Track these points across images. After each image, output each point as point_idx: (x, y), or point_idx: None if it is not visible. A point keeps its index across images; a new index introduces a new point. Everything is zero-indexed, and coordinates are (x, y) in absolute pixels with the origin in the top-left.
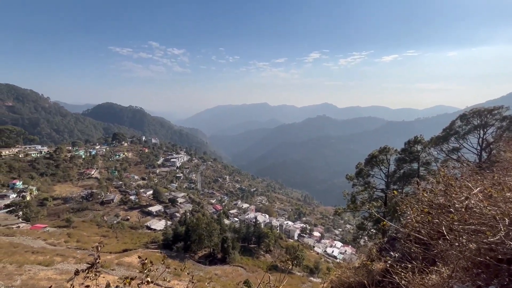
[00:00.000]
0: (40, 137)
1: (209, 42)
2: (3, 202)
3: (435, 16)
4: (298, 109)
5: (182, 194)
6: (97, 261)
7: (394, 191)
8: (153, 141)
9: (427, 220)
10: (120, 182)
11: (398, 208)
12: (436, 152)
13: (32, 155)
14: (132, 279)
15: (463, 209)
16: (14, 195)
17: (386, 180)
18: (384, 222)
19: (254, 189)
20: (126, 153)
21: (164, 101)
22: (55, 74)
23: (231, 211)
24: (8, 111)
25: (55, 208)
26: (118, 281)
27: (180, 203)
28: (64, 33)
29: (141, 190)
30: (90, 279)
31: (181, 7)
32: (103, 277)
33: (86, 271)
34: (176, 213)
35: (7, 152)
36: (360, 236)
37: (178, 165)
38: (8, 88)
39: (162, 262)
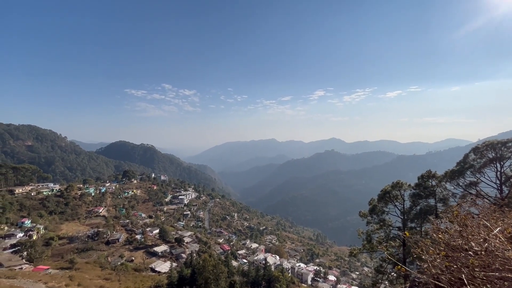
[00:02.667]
0: (53, 175)
1: (218, 83)
2: (9, 241)
3: (434, 53)
4: (305, 145)
5: (189, 233)
6: None
7: (406, 232)
8: (162, 178)
9: (445, 265)
10: (127, 221)
11: (413, 250)
12: (452, 187)
13: (44, 193)
14: None
15: (482, 252)
16: (21, 234)
17: (402, 217)
18: (399, 267)
19: (264, 227)
20: (135, 191)
21: (174, 138)
22: (74, 115)
23: (240, 252)
24: (27, 150)
25: (60, 248)
26: None
27: (187, 242)
28: (85, 77)
29: (148, 229)
30: None
31: (192, 52)
32: None
33: None
34: (182, 254)
35: (20, 190)
36: (380, 281)
37: (186, 202)
38: (29, 129)
39: None
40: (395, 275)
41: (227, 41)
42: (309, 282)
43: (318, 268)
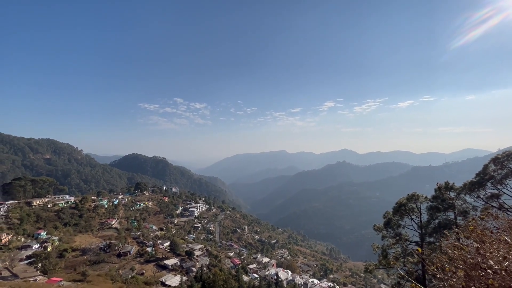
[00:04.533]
0: (69, 187)
1: (228, 96)
2: (25, 252)
3: (446, 62)
4: (316, 156)
5: (199, 246)
6: None
7: (418, 248)
8: (173, 190)
9: (462, 286)
10: (138, 233)
11: (427, 268)
12: (472, 199)
13: (60, 205)
14: None
15: (502, 272)
16: (37, 246)
17: (420, 231)
18: (413, 285)
19: (275, 241)
20: (146, 203)
21: (185, 151)
22: (89, 129)
23: (250, 266)
24: (45, 163)
25: (73, 260)
26: None
27: (197, 256)
28: (100, 92)
29: (158, 242)
30: None
31: (203, 67)
32: None
33: None
34: (193, 267)
35: (37, 202)
36: None
37: (197, 214)
38: (48, 143)
39: None
40: None
41: (237, 55)
42: None
43: (332, 285)
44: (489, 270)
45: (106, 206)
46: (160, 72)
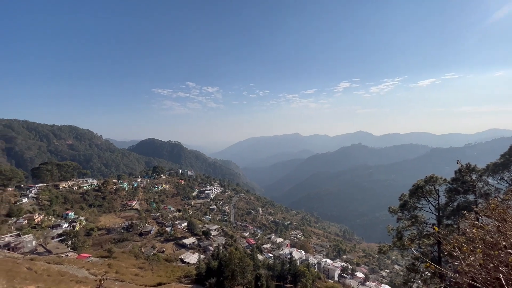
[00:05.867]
0: (91, 171)
1: (240, 79)
2: (56, 231)
3: (474, 35)
4: (331, 139)
5: (216, 226)
6: None
7: (435, 227)
8: (189, 173)
9: (479, 264)
10: (158, 214)
11: (443, 247)
12: (495, 182)
13: (84, 187)
14: None
15: None
16: (66, 225)
17: (437, 214)
18: (430, 265)
19: (288, 222)
20: (164, 185)
21: (199, 135)
22: (107, 115)
23: (265, 246)
24: (68, 148)
25: (99, 238)
26: None
27: (213, 236)
28: (116, 78)
29: (177, 222)
30: None
31: (215, 50)
32: None
33: None
34: (209, 246)
35: (64, 185)
36: (412, 280)
37: (212, 196)
38: (70, 129)
39: None
40: (429, 274)
41: (248, 38)
42: (336, 278)
43: (345, 265)
44: (510, 250)
45: (126, 189)
46: (173, 57)
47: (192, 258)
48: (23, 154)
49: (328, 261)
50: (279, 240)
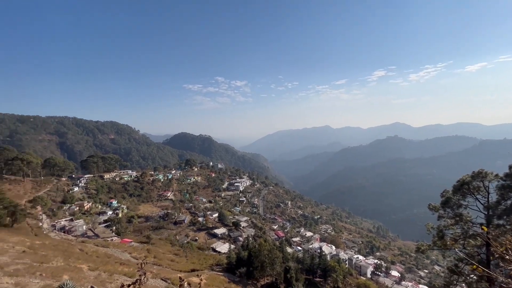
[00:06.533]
0: (131, 163)
1: (268, 72)
2: (103, 217)
3: None
4: (364, 131)
5: (245, 218)
6: (142, 277)
7: (484, 227)
8: (219, 166)
9: None
10: (191, 204)
11: (493, 249)
12: None
13: (125, 178)
14: None
15: None
16: (111, 212)
17: (486, 213)
18: (477, 268)
19: (318, 216)
20: (196, 177)
21: (228, 128)
22: (144, 111)
23: (294, 239)
24: (110, 142)
25: (139, 225)
26: None
27: (243, 227)
28: (151, 76)
29: (208, 213)
30: None
31: (242, 44)
32: None
33: (131, 286)
34: (239, 237)
35: (108, 176)
36: (455, 282)
37: (241, 189)
38: (111, 124)
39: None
40: (475, 277)
41: (276, 30)
42: (369, 276)
43: (379, 262)
44: None
45: (162, 180)
46: (202, 53)
47: (223, 247)
48: (73, 148)
49: (360, 257)
50: (309, 234)
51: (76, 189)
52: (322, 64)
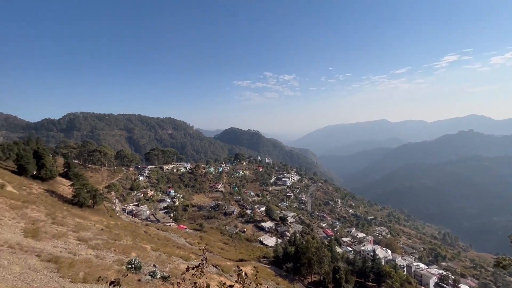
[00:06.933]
0: (186, 156)
1: (317, 64)
2: (162, 204)
3: None
4: (428, 125)
5: (292, 213)
6: (204, 262)
7: None
8: (267, 160)
9: None
10: (239, 197)
11: None
12: None
13: (181, 170)
14: (231, 286)
15: None
16: (169, 200)
17: None
18: None
19: (372, 217)
20: (244, 171)
21: (276, 123)
22: (197, 107)
23: (344, 239)
24: (168, 137)
25: (193, 214)
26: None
27: (290, 222)
28: (204, 74)
29: (256, 206)
30: (197, 276)
31: (290, 37)
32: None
33: (195, 269)
34: (286, 232)
35: (166, 167)
36: None
37: (289, 184)
38: (169, 120)
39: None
40: None
41: (328, 21)
42: (431, 287)
43: (445, 273)
44: None
45: (213, 173)
46: (250, 49)
47: (270, 241)
48: (139, 142)
49: (421, 265)
50: (360, 235)
51: (141, 178)
52: (379, 52)
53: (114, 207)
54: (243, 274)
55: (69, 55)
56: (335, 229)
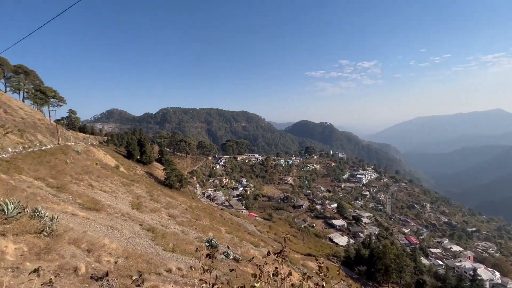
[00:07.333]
0: (257, 148)
1: (405, 46)
2: (235, 192)
3: None
4: None
5: (367, 214)
6: (284, 249)
7: None
8: (340, 155)
9: None
10: (309, 191)
11: None
12: None
13: (252, 161)
14: (309, 277)
15: None
16: (241, 189)
17: None
18: None
19: (474, 229)
20: (315, 165)
21: (352, 115)
22: (268, 100)
23: (432, 250)
24: (242, 129)
25: (262, 203)
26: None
27: (365, 223)
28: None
29: (326, 202)
30: (278, 262)
31: (368, 21)
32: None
33: (276, 255)
34: (360, 233)
35: (240, 158)
36: None
37: (364, 182)
38: (243, 114)
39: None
40: None
41: None
42: None
43: None
44: None
45: (283, 165)
46: (324, 37)
47: (341, 240)
48: (216, 133)
49: None
50: (456, 248)
51: (217, 166)
52: (492, 22)
53: (196, 190)
54: (324, 267)
55: (164, 62)
56: (421, 237)
